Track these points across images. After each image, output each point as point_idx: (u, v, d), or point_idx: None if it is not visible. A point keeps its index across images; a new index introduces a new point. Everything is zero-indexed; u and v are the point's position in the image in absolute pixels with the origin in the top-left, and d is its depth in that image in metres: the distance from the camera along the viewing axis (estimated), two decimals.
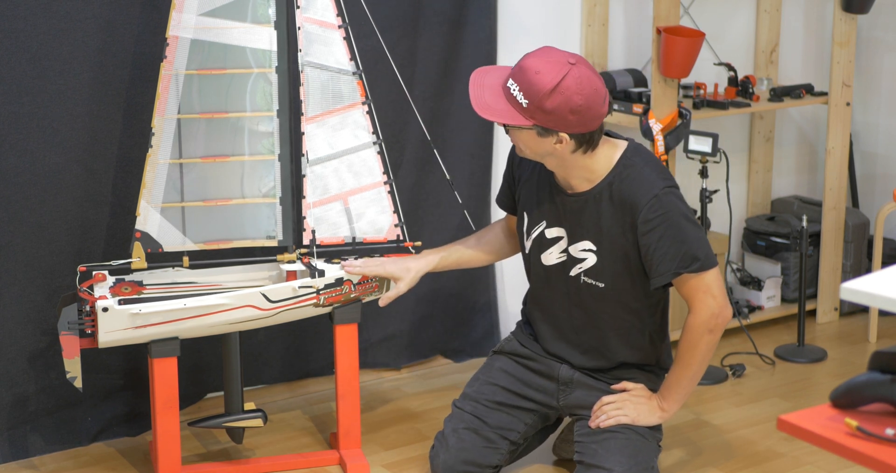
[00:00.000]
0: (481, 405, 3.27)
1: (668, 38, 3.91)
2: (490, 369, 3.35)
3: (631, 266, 3.09)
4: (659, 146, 3.96)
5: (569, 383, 3.26)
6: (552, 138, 2.98)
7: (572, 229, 3.14)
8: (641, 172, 3.05)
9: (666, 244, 3.01)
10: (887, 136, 4.81)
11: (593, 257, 3.12)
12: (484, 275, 4.21)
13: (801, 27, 4.76)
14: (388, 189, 3.38)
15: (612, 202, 3.05)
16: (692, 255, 3.02)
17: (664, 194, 3.02)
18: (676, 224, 3.01)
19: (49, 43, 3.34)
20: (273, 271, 3.42)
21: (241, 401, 3.40)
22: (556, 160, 3.05)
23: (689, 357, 3.09)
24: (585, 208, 3.10)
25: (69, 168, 3.44)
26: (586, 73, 2.94)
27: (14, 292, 3.43)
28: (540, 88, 2.90)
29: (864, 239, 4.64)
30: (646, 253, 3.04)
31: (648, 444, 3.14)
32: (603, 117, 3.00)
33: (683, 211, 3.04)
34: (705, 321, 3.06)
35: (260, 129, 3.29)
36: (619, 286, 3.12)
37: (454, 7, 3.97)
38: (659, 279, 3.05)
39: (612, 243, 3.08)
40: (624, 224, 3.05)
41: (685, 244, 3.01)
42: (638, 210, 3.01)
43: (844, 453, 1.79)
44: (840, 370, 4.15)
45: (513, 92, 2.95)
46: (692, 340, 3.07)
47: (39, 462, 3.50)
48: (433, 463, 3.25)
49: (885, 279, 1.86)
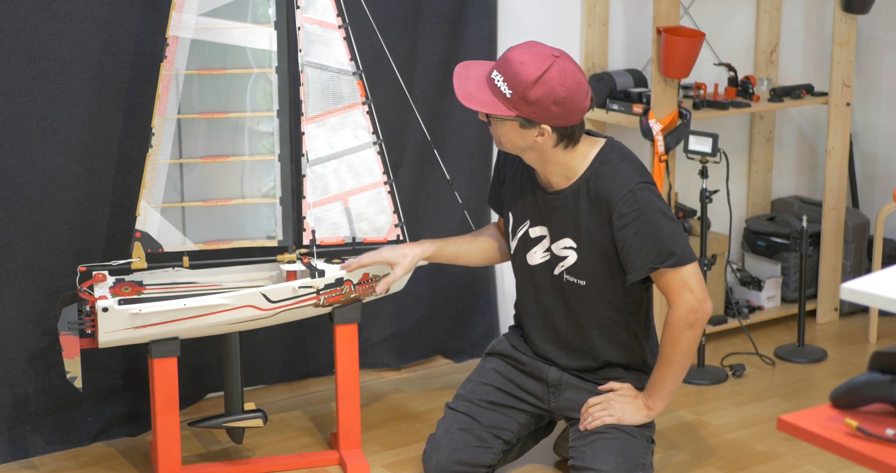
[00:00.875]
0: (474, 405, 3.27)
1: (668, 38, 3.91)
2: (483, 370, 3.36)
3: (610, 263, 3.09)
4: (659, 146, 3.96)
5: (558, 385, 3.26)
6: (534, 131, 2.99)
7: (553, 227, 3.14)
8: (617, 167, 3.05)
9: (641, 239, 3.01)
10: (887, 136, 4.81)
11: (574, 255, 3.12)
12: (484, 275, 4.21)
13: (801, 27, 4.76)
14: (388, 189, 3.38)
15: (588, 199, 3.06)
16: (668, 250, 3.01)
17: (639, 189, 3.02)
18: (651, 219, 3.01)
19: (49, 43, 3.34)
20: (273, 271, 3.43)
21: (241, 401, 3.40)
22: (536, 155, 3.05)
23: (671, 354, 3.09)
24: (564, 205, 3.10)
25: (69, 168, 3.44)
26: (570, 66, 2.96)
27: (14, 292, 3.43)
28: (524, 78, 2.92)
29: (864, 239, 4.64)
30: (622, 249, 3.04)
31: (637, 442, 3.13)
32: (585, 111, 3.01)
33: (659, 206, 3.04)
34: (684, 317, 3.05)
35: (260, 129, 3.29)
36: (599, 284, 3.12)
37: (454, 7, 3.97)
38: (635, 275, 3.05)
39: (591, 239, 3.08)
40: (601, 220, 3.05)
41: (661, 239, 3.01)
42: (613, 205, 3.01)
43: (844, 453, 1.79)
44: (840, 371, 4.15)
45: (497, 83, 2.97)
46: (673, 336, 3.07)
47: (39, 462, 3.50)
48: (426, 466, 3.25)
49: (885, 280, 1.86)
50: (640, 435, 3.16)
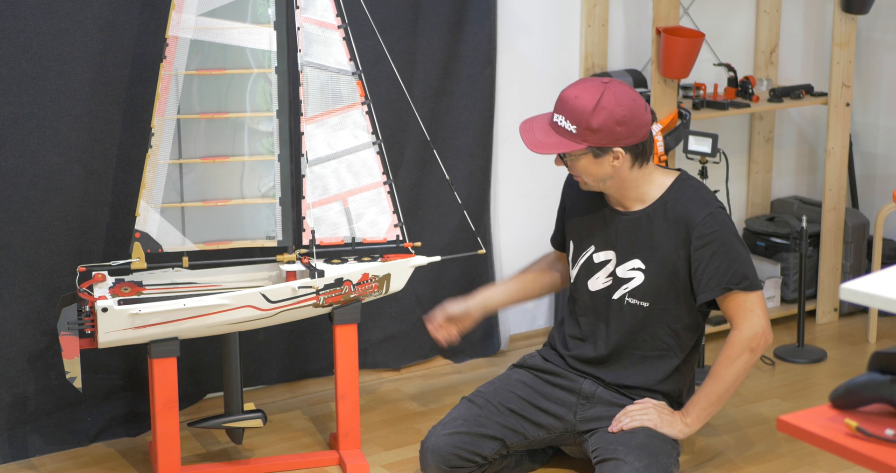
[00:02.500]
0: (492, 405, 3.26)
1: (667, 38, 3.91)
2: (508, 378, 3.36)
3: (678, 284, 3.17)
4: (658, 147, 3.96)
5: (590, 397, 3.27)
6: (609, 157, 3.09)
7: (623, 248, 3.22)
8: (696, 191, 3.21)
9: (718, 260, 3.12)
10: (887, 136, 4.81)
11: (641, 276, 3.20)
12: (484, 276, 4.20)
13: (801, 28, 4.76)
14: (387, 189, 3.38)
15: (666, 220, 3.16)
16: (742, 273, 3.13)
17: (718, 212, 3.16)
18: (729, 242, 3.14)
19: (49, 43, 3.34)
20: (273, 271, 3.42)
21: (240, 401, 3.40)
22: (617, 182, 3.15)
23: (724, 373, 3.15)
24: (639, 226, 3.20)
25: (69, 169, 3.44)
26: (621, 87, 3.09)
27: (14, 292, 3.43)
28: (583, 109, 3.04)
29: (864, 240, 4.64)
30: (696, 268, 3.13)
31: (668, 449, 3.14)
32: (649, 125, 3.12)
33: (734, 231, 3.18)
34: (748, 339, 3.14)
35: (259, 129, 3.29)
36: (662, 305, 3.20)
37: (454, 7, 3.96)
38: (708, 294, 3.13)
39: (663, 259, 3.17)
40: (677, 240, 3.15)
41: (736, 262, 3.13)
42: (693, 225, 3.12)
43: (844, 453, 1.79)
44: (840, 371, 4.15)
45: (560, 124, 3.09)
46: (731, 355, 3.14)
47: (39, 463, 3.50)
48: (423, 446, 3.21)
49: (884, 280, 1.86)
50: (672, 447, 3.17)
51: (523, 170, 4.23)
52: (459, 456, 3.16)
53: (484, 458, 3.19)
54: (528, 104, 4.16)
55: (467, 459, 3.17)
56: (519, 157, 4.21)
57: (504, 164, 4.23)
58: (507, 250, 4.26)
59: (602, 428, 3.21)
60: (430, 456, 3.17)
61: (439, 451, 3.16)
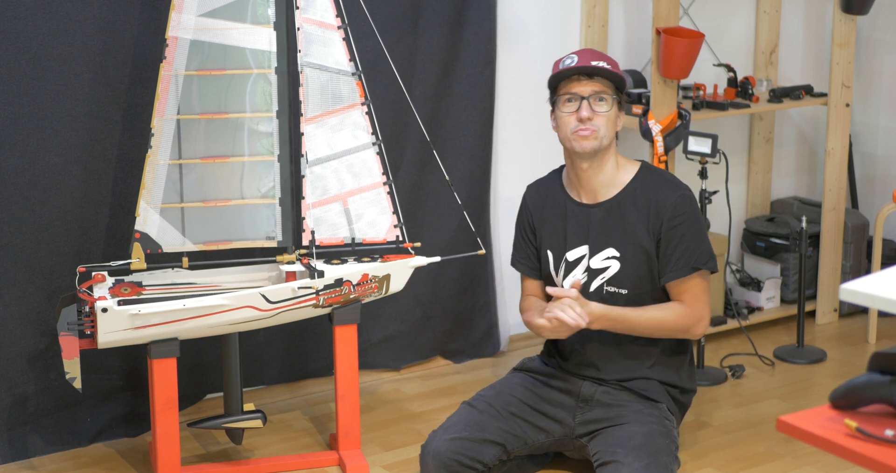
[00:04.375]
0: (493, 409, 3.26)
1: (667, 38, 3.91)
2: (509, 382, 3.36)
3: (653, 267, 3.23)
4: (658, 147, 3.96)
5: (589, 400, 3.28)
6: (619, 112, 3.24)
7: (595, 239, 3.25)
8: (663, 176, 3.31)
9: (687, 240, 3.20)
10: (887, 137, 4.81)
11: (616, 264, 3.24)
12: (483, 276, 4.20)
13: (801, 28, 4.77)
14: (387, 190, 3.38)
15: (636, 205, 3.22)
16: (709, 252, 3.24)
17: (688, 193, 3.26)
18: (698, 223, 3.25)
19: (49, 43, 3.34)
20: (272, 271, 3.42)
21: (240, 402, 3.40)
22: (605, 154, 3.21)
23: (653, 317, 3.19)
24: (610, 214, 3.25)
25: (69, 169, 3.44)
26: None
27: (14, 292, 3.43)
28: (613, 62, 3.27)
29: (864, 240, 4.64)
30: (666, 247, 3.20)
31: (667, 447, 3.14)
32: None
33: (700, 213, 3.31)
34: (694, 321, 3.22)
35: (259, 129, 3.29)
36: (641, 289, 3.24)
37: (454, 7, 3.97)
38: (675, 273, 3.20)
39: (636, 245, 3.22)
40: (648, 224, 3.21)
41: (703, 242, 3.24)
42: (665, 207, 3.20)
43: (844, 454, 1.79)
44: (839, 371, 4.15)
45: (605, 66, 3.22)
46: (671, 317, 3.20)
47: (39, 463, 3.50)
48: (423, 451, 3.20)
49: (884, 280, 1.86)
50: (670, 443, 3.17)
51: (523, 170, 4.23)
52: (460, 462, 3.15)
53: (484, 465, 3.19)
54: (528, 104, 4.16)
55: (468, 465, 3.16)
56: (519, 157, 4.21)
57: (504, 164, 4.23)
58: (507, 250, 4.25)
59: (601, 431, 3.21)
60: (431, 461, 3.17)
61: (441, 456, 3.16)
